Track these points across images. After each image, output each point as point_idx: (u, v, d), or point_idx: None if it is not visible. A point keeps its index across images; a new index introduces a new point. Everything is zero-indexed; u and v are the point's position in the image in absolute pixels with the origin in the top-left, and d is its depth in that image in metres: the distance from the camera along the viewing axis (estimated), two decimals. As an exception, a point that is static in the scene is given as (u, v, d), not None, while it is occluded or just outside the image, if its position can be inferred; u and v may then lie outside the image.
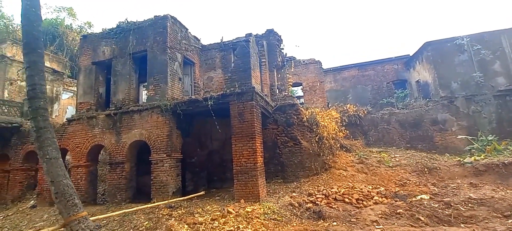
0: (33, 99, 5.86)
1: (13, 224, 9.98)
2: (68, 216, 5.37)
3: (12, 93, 14.44)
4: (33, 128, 5.77)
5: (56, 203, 5.50)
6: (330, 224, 6.63)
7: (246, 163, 9.08)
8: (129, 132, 10.93)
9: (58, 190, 5.42)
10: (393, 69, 19.02)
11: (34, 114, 5.79)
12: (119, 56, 11.88)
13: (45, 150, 5.59)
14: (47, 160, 5.52)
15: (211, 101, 9.49)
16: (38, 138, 5.68)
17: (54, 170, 5.49)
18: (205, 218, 7.31)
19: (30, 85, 5.93)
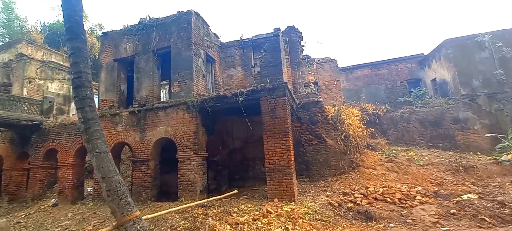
0: (80, 88, 5.67)
1: (37, 223, 9.82)
2: (122, 216, 5.14)
3: (31, 91, 14.30)
4: (81, 119, 5.55)
5: (108, 201, 5.24)
6: (386, 226, 6.44)
7: (279, 161, 8.93)
8: (154, 129, 10.79)
9: (110, 187, 5.20)
10: (407, 68, 18.91)
11: (81, 104, 5.58)
12: (141, 52, 11.76)
13: (94, 143, 5.38)
14: (97, 155, 5.33)
15: (242, 97, 9.35)
16: (86, 130, 5.46)
17: (105, 165, 5.30)
18: (246, 218, 7.15)
19: (75, 73, 5.72)
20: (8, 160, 13.52)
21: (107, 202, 5.32)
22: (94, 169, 5.40)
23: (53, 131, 12.72)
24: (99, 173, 5.30)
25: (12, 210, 12.34)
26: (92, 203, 11.13)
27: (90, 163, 14.31)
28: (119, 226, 5.18)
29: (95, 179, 11.31)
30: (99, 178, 5.34)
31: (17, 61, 14.65)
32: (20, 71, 14.42)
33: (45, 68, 15.30)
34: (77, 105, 5.64)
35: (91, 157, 5.39)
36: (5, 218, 11.12)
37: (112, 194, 5.20)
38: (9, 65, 14.95)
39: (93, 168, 5.42)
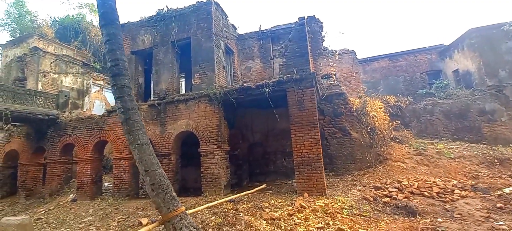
0: (118, 76, 5.34)
1: (59, 219, 9.62)
2: (168, 212, 4.81)
3: (45, 85, 14.08)
4: (120, 108, 5.22)
5: (152, 196, 4.91)
6: (434, 221, 6.07)
7: (308, 154, 8.59)
8: (174, 123, 10.49)
9: (154, 181, 4.88)
10: (426, 60, 18.31)
11: (120, 93, 5.26)
12: (160, 44, 11.44)
13: (135, 134, 5.06)
14: (139, 146, 5.01)
15: (268, 88, 8.99)
16: (126, 120, 5.14)
17: (148, 158, 4.99)
18: (280, 213, 6.84)
19: (112, 60, 5.39)
20: (24, 155, 13.36)
21: (151, 197, 4.99)
22: (136, 161, 5.07)
23: (69, 125, 12.51)
24: (141, 166, 4.98)
25: (30, 206, 12.20)
26: (111, 198, 10.91)
27: (109, 157, 14.11)
28: (165, 222, 4.86)
29: (115, 173, 11.10)
30: (141, 171, 5.02)
31: (31, 55, 14.42)
32: (35, 65, 14.19)
33: (59, 62, 15.06)
34: (116, 95, 5.31)
35: (133, 149, 5.07)
36: (24, 214, 10.97)
37: (156, 188, 4.88)
38: (23, 59, 14.73)
39: (135, 160, 5.09)
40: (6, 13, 23.08)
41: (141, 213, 8.85)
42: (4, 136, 14.16)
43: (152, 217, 8.23)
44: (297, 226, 6.21)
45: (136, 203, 10.03)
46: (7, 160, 14.08)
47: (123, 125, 5.15)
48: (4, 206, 12.87)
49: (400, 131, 13.11)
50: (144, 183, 5.09)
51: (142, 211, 9.03)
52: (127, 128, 5.10)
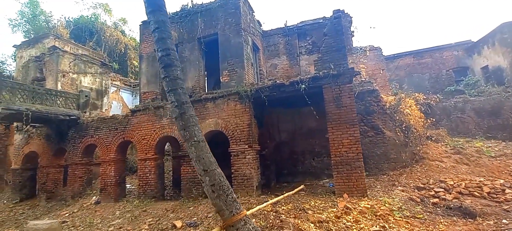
0: (169, 67, 4.96)
1: (85, 222, 9.28)
2: (231, 215, 4.39)
3: (65, 85, 13.85)
4: (174, 102, 4.82)
5: (213, 198, 4.49)
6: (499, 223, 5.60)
7: (347, 153, 8.13)
8: (202, 122, 10.09)
9: (215, 182, 4.48)
10: (452, 56, 17.72)
11: (173, 85, 4.86)
12: (185, 41, 11.09)
13: (191, 131, 4.66)
14: (196, 144, 4.61)
15: (304, 84, 8.56)
16: (181, 115, 4.74)
17: (206, 156, 4.59)
18: (327, 216, 6.40)
19: (163, 50, 5.01)
20: (44, 157, 13.11)
21: (211, 199, 4.57)
22: (192, 159, 4.67)
23: (91, 125, 12.22)
24: (199, 165, 4.58)
25: (51, 208, 11.92)
26: (137, 200, 10.57)
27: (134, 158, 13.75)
28: (229, 226, 4.44)
29: (140, 174, 10.76)
30: (199, 171, 4.62)
31: (50, 55, 14.20)
32: (54, 65, 13.96)
33: (78, 61, 14.83)
34: (168, 87, 4.92)
35: (189, 147, 4.67)
36: (47, 217, 10.70)
37: (217, 189, 4.47)
38: (42, 59, 14.53)
39: (191, 158, 4.69)
40: (19, 14, 23.13)
41: (172, 215, 8.48)
42: (22, 137, 13.95)
43: (185, 219, 7.85)
44: (349, 229, 5.77)
45: (164, 204, 9.68)
46: (26, 162, 13.85)
47: (177, 120, 4.76)
48: (24, 208, 12.62)
49: (433, 129, 12.57)
50: (203, 184, 4.65)
51: (173, 213, 8.66)
52: (182, 123, 4.71)
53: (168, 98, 4.99)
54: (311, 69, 12.72)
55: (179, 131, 4.86)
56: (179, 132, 4.90)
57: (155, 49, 5.26)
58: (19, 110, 10.71)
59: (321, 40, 12.65)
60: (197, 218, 7.81)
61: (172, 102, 4.84)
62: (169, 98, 4.94)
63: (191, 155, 4.67)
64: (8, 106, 10.49)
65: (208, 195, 4.64)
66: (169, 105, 4.97)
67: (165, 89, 5.01)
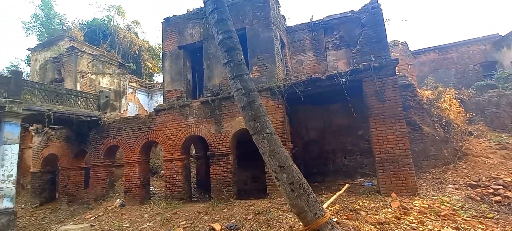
0: (233, 51, 4.52)
1: (113, 226, 8.86)
2: (316, 218, 3.88)
3: (83, 86, 13.56)
4: (241, 90, 4.34)
5: (292, 198, 3.96)
6: None
7: (393, 149, 7.62)
8: (231, 120, 9.69)
9: (294, 179, 3.99)
10: (479, 50, 17.05)
11: (239, 71, 4.40)
12: (211, 37, 10.67)
13: (263, 122, 4.19)
14: (269, 137, 4.14)
15: (344, 78, 8.08)
16: (250, 104, 4.27)
17: (280, 150, 4.13)
18: (384, 217, 5.90)
19: (224, 32, 4.58)
20: (65, 159, 12.79)
21: (290, 199, 4.04)
22: (264, 155, 4.21)
23: (113, 126, 11.87)
24: (274, 160, 4.11)
25: (74, 212, 11.55)
26: (164, 202, 10.16)
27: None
28: (314, 229, 3.93)
29: (167, 176, 10.33)
30: (274, 167, 4.14)
31: (68, 55, 13.94)
32: (72, 65, 13.69)
33: (96, 62, 14.55)
34: (233, 73, 4.46)
35: (260, 140, 4.21)
36: (72, 222, 10.33)
37: (297, 188, 3.99)
38: (60, 60, 14.28)
39: (263, 153, 4.22)
40: (33, 17, 23.05)
41: (206, 217, 8.04)
42: (41, 140, 13.66)
43: (222, 222, 7.40)
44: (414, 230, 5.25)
45: (194, 206, 9.24)
46: (45, 164, 13.55)
47: (246, 110, 4.29)
48: (45, 212, 12.29)
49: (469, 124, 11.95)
50: (278, 182, 4.16)
51: (206, 215, 8.22)
52: (251, 113, 4.24)
53: (233, 86, 4.53)
54: (339, 64, 12.23)
55: (247, 122, 4.39)
56: (246, 124, 4.42)
57: (216, 32, 4.82)
58: (40, 111, 10.41)
59: (349, 34, 12.24)
60: (235, 220, 7.37)
61: (238, 90, 4.38)
62: (234, 86, 4.49)
63: (263, 149, 4.19)
64: (30, 107, 10.19)
65: (285, 195, 4.12)
66: (235, 93, 4.49)
67: (229, 75, 4.56)
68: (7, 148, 9.51)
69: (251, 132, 4.30)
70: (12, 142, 9.62)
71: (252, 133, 4.28)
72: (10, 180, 9.46)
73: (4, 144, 9.46)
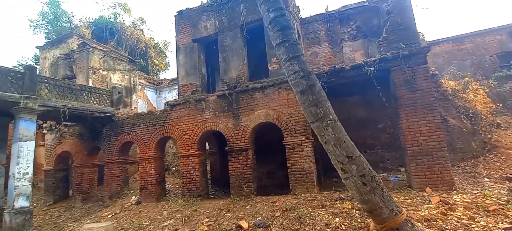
0: (287, 29, 4.18)
1: (133, 224, 8.60)
2: (394, 215, 3.54)
3: (95, 82, 13.33)
4: (299, 72, 3.97)
5: (364, 192, 3.53)
6: None
7: (427, 142, 7.27)
8: (250, 114, 9.39)
9: (365, 171, 3.65)
10: (496, 41, 16.56)
11: (295, 51, 4.07)
12: (226, 29, 10.38)
13: (325, 107, 3.86)
14: (333, 124, 3.80)
15: (371, 67, 7.74)
16: (311, 88, 3.90)
17: (346, 139, 3.82)
18: (430, 213, 5.55)
19: (276, 10, 4.23)
20: (78, 157, 12.60)
21: (361, 194, 3.62)
22: (328, 144, 3.84)
23: (127, 122, 11.62)
24: (341, 150, 3.76)
25: (89, 210, 11.36)
26: (181, 199, 9.90)
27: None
28: (391, 228, 3.54)
29: (184, 172, 10.06)
30: (340, 158, 3.77)
31: (80, 52, 13.71)
32: (84, 62, 13.46)
33: (107, 58, 14.32)
34: (288, 54, 4.11)
35: (324, 128, 3.84)
36: (88, 219, 10.13)
37: (370, 181, 3.63)
38: (71, 56, 14.06)
39: (326, 142, 3.85)
40: (40, 15, 22.87)
41: (229, 214, 7.77)
42: (54, 137, 13.48)
43: (247, 219, 7.12)
44: (466, 227, 4.92)
45: (213, 203, 8.98)
46: (58, 162, 13.39)
47: (306, 94, 3.92)
48: (60, 211, 12.12)
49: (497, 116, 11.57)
50: (344, 174, 3.78)
51: (229, 212, 7.95)
52: (312, 98, 3.88)
53: (288, 69, 4.16)
54: (356, 56, 11.89)
55: (306, 108, 4.02)
56: (306, 110, 4.04)
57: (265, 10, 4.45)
58: (55, 107, 10.20)
59: (367, 24, 11.87)
60: (262, 217, 7.08)
61: (296, 72, 4.02)
62: (290, 68, 4.11)
63: (327, 138, 3.82)
64: (45, 103, 9.97)
65: (354, 190, 3.71)
66: (291, 77, 4.14)
67: (282, 57, 4.21)
68: (23, 145, 9.30)
69: (312, 119, 3.93)
70: (28, 139, 9.41)
71: (313, 120, 3.92)
72: (26, 178, 9.26)
73: (19, 141, 9.26)
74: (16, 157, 9.22)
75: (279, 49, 4.29)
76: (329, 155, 3.91)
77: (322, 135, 3.85)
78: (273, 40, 4.45)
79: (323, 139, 3.86)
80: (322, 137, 3.87)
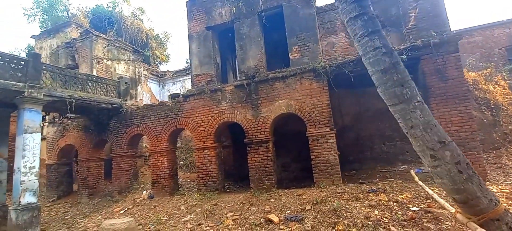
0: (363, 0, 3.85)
1: (150, 219, 8.21)
2: (493, 205, 3.21)
3: (99, 73, 12.72)
4: (380, 49, 3.50)
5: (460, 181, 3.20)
6: None
7: (458, 132, 7.08)
8: (270, 104, 9.05)
9: (460, 158, 3.25)
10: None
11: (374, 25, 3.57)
12: (243, 16, 9.95)
13: (411, 87, 3.49)
14: (420, 105, 3.41)
15: (403, 55, 7.45)
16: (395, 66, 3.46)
17: (436, 123, 3.44)
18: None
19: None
20: (84, 150, 12.06)
21: (456, 183, 3.15)
22: (415, 128, 3.45)
23: (136, 114, 11.14)
24: (431, 134, 3.37)
25: (98, 205, 10.90)
26: (197, 193, 9.54)
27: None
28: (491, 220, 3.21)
29: (199, 165, 9.67)
30: (431, 144, 3.34)
31: (82, 40, 13.05)
32: (87, 51, 12.82)
33: (111, 47, 13.68)
34: (367, 28, 3.70)
35: (411, 110, 3.45)
36: (99, 215, 9.68)
37: (466, 168, 3.28)
38: (73, 44, 13.37)
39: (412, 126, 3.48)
40: (35, 2, 21.85)
41: (254, 208, 7.46)
42: (57, 130, 12.88)
43: (274, 212, 6.83)
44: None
45: (232, 197, 8.66)
46: (61, 156, 12.82)
47: (389, 73, 3.52)
48: (65, 207, 11.61)
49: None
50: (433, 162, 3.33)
51: (252, 206, 7.65)
52: (398, 77, 3.50)
53: (366, 45, 3.76)
54: (374, 46, 11.60)
55: (388, 89, 3.59)
56: (387, 91, 3.61)
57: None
58: (62, 97, 9.64)
59: (385, 14, 11.57)
60: (291, 211, 6.80)
61: (377, 48, 3.63)
62: (369, 45, 3.72)
63: (414, 122, 3.42)
64: (50, 93, 9.41)
65: (449, 178, 3.27)
66: (371, 54, 3.77)
67: (358, 33, 3.84)
68: (28, 137, 8.74)
69: (395, 100, 3.55)
70: (34, 131, 8.85)
71: (396, 102, 3.54)
72: (32, 172, 8.74)
73: (24, 133, 8.69)
74: (21, 150, 8.66)
75: (354, 24, 3.93)
76: (415, 141, 3.55)
77: (407, 119, 3.52)
78: (346, 14, 4.08)
79: (408, 123, 3.53)
80: (407, 121, 3.53)
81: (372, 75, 3.77)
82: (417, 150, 3.54)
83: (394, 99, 3.54)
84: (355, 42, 3.85)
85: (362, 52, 3.80)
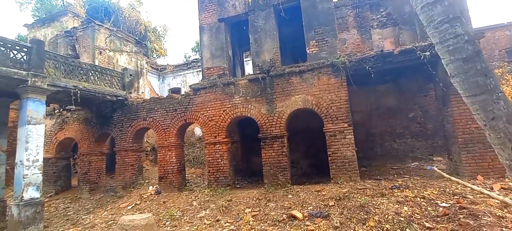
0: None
1: (163, 215, 7.90)
2: None
3: (102, 63, 12.19)
4: (462, 36, 3.09)
5: None
6: None
7: (479, 129, 7.05)
8: (286, 99, 8.86)
9: None
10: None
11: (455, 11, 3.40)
12: (258, 8, 9.70)
13: (495, 77, 3.27)
14: (504, 96, 3.19)
15: (427, 52, 7.40)
16: (478, 54, 3.27)
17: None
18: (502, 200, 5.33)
19: None
20: (85, 144, 11.57)
21: None
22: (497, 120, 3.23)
23: (142, 107, 10.74)
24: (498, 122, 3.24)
25: (100, 201, 10.46)
26: (208, 189, 9.28)
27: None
28: None
29: (210, 160, 9.41)
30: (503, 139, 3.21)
31: (84, 29, 12.49)
32: (89, 40, 12.27)
33: (113, 37, 13.16)
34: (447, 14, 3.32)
35: (494, 101, 3.21)
36: (105, 211, 9.28)
37: None
38: (73, 33, 12.78)
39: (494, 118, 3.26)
40: (27, -10, 20.91)
41: (272, 204, 7.28)
42: (55, 122, 12.31)
43: (294, 208, 6.66)
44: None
45: (246, 193, 8.46)
46: (60, 150, 12.26)
47: (472, 62, 3.25)
48: (65, 202, 11.09)
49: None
50: None
51: (270, 202, 7.46)
52: (481, 66, 3.24)
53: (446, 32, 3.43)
54: (385, 44, 11.58)
55: (470, 78, 3.31)
56: (467, 82, 3.38)
57: None
58: (66, 87, 9.19)
59: (398, 11, 11.54)
60: (313, 207, 6.65)
61: (458, 36, 3.37)
62: (449, 31, 3.42)
63: (496, 113, 3.20)
64: (54, 83, 8.94)
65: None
66: (450, 41, 3.52)
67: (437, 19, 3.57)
68: (32, 128, 8.27)
69: (476, 91, 3.32)
70: (37, 122, 8.38)
71: (477, 93, 3.31)
72: (35, 166, 8.28)
73: (27, 124, 8.21)
74: (24, 142, 8.18)
75: (431, 10, 3.69)
76: (495, 133, 3.36)
77: (489, 110, 3.34)
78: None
79: (490, 114, 3.35)
80: (488, 112, 3.36)
81: (447, 64, 3.54)
82: (495, 142, 3.38)
83: (476, 89, 3.35)
84: (430, 29, 3.61)
85: (439, 39, 3.57)
